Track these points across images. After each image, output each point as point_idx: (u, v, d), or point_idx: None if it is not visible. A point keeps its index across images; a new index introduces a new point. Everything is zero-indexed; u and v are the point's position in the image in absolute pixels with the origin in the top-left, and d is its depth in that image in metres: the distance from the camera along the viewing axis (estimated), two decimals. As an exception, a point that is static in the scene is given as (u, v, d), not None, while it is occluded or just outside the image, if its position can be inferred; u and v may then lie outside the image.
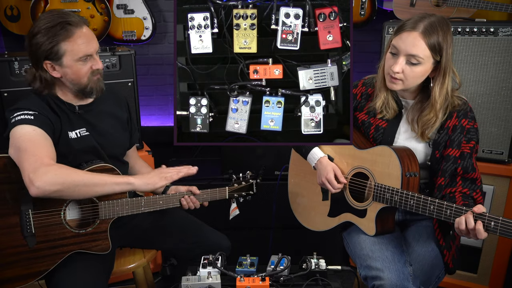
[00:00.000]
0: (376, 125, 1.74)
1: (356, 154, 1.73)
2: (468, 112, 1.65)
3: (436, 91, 1.59)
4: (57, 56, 1.55)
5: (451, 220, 1.48)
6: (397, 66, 1.56)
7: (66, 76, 1.60)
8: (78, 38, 1.55)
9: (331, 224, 1.85)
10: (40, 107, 1.59)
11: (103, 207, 1.65)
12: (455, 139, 1.64)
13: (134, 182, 1.59)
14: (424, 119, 1.63)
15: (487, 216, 1.39)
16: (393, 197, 1.60)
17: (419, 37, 1.53)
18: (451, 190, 1.64)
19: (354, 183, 1.75)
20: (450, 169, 1.64)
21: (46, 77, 1.59)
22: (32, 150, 1.48)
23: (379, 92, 1.68)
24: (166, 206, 1.79)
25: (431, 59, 1.55)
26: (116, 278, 2.33)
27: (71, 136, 1.65)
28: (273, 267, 1.62)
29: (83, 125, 1.70)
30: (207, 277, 1.55)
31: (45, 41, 1.53)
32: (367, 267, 1.62)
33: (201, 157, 2.99)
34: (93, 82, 1.62)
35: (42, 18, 1.56)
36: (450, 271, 1.70)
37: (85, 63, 1.59)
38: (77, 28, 1.55)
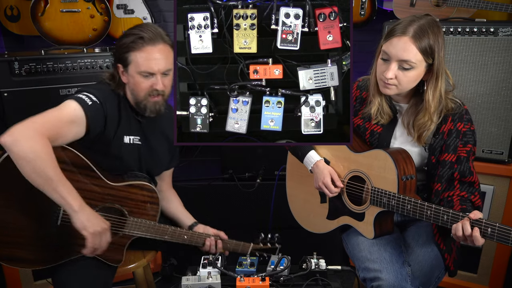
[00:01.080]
0: (371, 130, 1.74)
1: (352, 158, 1.73)
2: (463, 115, 1.63)
3: (430, 94, 1.57)
4: (126, 63, 1.62)
5: (448, 226, 1.47)
6: (390, 72, 1.54)
7: (129, 84, 1.65)
8: (145, 53, 1.58)
9: (330, 227, 1.84)
10: (108, 100, 1.63)
11: (131, 223, 1.67)
12: (450, 144, 1.62)
13: (76, 214, 1.46)
14: (419, 123, 1.61)
15: (483, 222, 1.37)
16: (390, 201, 1.59)
17: (410, 42, 1.50)
18: (449, 194, 1.63)
19: (351, 187, 1.74)
20: (446, 174, 1.63)
21: (117, 77, 1.67)
22: (49, 116, 1.50)
23: (373, 98, 1.67)
24: (189, 242, 1.81)
25: (423, 62, 1.53)
26: (116, 278, 2.32)
27: (125, 140, 1.69)
28: (273, 267, 1.62)
29: (139, 133, 1.73)
30: (207, 277, 1.55)
31: (123, 44, 1.60)
32: (366, 269, 1.62)
33: (201, 157, 3.00)
34: (149, 101, 1.64)
35: (138, 26, 1.64)
36: (452, 273, 1.69)
37: (147, 79, 1.61)
38: (149, 45, 1.58)
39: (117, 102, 1.67)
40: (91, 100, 1.57)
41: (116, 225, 1.67)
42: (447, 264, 1.66)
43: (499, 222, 1.35)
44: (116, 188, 1.65)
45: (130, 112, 1.71)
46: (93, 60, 2.30)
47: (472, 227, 1.39)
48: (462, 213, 1.44)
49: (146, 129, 1.76)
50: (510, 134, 2.18)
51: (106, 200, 1.63)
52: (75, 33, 2.89)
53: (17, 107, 2.17)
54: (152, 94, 1.63)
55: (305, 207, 1.95)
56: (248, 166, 2.65)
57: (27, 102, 2.19)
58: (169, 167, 1.96)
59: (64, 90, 2.25)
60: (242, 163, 2.65)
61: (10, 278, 2.28)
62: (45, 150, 1.43)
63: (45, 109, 2.13)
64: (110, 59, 2.30)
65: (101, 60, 2.31)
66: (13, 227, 1.52)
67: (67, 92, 2.26)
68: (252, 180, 2.62)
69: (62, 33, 2.87)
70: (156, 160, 1.84)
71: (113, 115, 1.64)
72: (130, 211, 1.68)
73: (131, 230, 1.69)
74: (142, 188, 1.65)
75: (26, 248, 1.55)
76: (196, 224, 1.91)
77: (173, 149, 1.91)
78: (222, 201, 2.66)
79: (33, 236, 1.55)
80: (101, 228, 1.49)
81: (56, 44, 2.84)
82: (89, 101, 1.57)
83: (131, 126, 1.71)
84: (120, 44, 1.62)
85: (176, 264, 2.61)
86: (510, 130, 2.17)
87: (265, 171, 2.63)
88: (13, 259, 1.55)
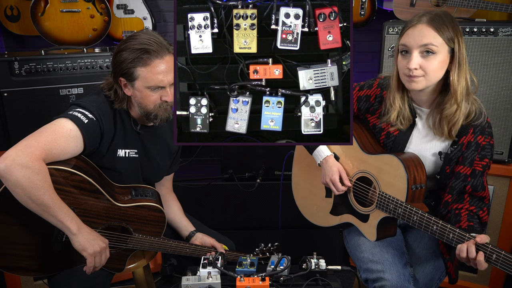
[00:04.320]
0: (388, 131, 1.69)
1: (363, 158, 1.70)
2: (485, 129, 1.58)
3: (455, 78, 1.51)
4: (131, 78, 1.58)
5: (452, 244, 1.44)
6: (412, 62, 1.49)
7: (135, 98, 1.62)
8: (154, 68, 1.56)
9: (332, 222, 1.84)
10: (104, 114, 1.59)
11: (135, 239, 1.68)
12: (468, 157, 1.57)
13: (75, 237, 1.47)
14: (447, 113, 1.54)
15: (489, 248, 1.35)
16: (397, 209, 1.57)
17: (427, 27, 1.48)
18: (457, 207, 1.59)
19: (358, 187, 1.73)
20: (458, 186, 1.59)
21: (119, 91, 1.62)
22: (43, 139, 1.45)
23: (393, 103, 1.62)
24: (191, 255, 1.84)
25: (445, 46, 1.49)
26: (116, 278, 2.32)
27: (119, 153, 1.67)
28: (273, 267, 1.62)
29: (136, 145, 1.71)
30: (207, 277, 1.55)
31: (126, 59, 1.55)
32: (368, 270, 1.61)
33: (201, 157, 3.00)
34: (159, 110, 1.63)
35: (136, 36, 1.58)
36: (453, 281, 1.67)
37: (155, 92, 1.60)
38: (157, 58, 1.56)
39: (112, 116, 1.64)
40: (87, 118, 1.54)
41: (120, 241, 1.67)
42: (449, 272, 1.65)
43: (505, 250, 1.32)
44: (124, 209, 1.64)
45: (127, 124, 1.68)
46: (93, 60, 2.30)
47: (477, 251, 1.37)
48: (469, 234, 1.41)
49: (145, 140, 1.74)
50: (510, 134, 2.18)
51: (112, 219, 1.63)
52: (75, 33, 2.89)
53: (17, 107, 2.18)
54: (161, 106, 1.62)
55: (309, 198, 1.94)
56: (248, 166, 2.65)
57: (27, 102, 2.19)
58: (169, 173, 1.96)
59: (64, 90, 2.26)
60: (242, 163, 2.65)
61: (10, 278, 2.28)
62: (40, 177, 1.40)
63: (45, 109, 2.14)
64: (110, 59, 2.30)
65: (101, 60, 2.32)
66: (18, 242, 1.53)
67: (67, 92, 2.26)
68: (252, 180, 2.62)
69: (62, 33, 2.87)
70: (156, 170, 1.83)
71: (108, 130, 1.62)
72: (136, 229, 1.68)
73: (135, 245, 1.70)
74: (150, 209, 1.65)
75: (30, 260, 1.57)
76: (194, 234, 1.91)
77: (174, 155, 1.91)
78: (222, 201, 2.66)
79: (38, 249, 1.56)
80: (100, 247, 1.51)
81: (56, 44, 2.85)
82: (85, 119, 1.54)
83: (126, 139, 1.69)
84: (123, 59, 1.56)
85: (176, 264, 2.61)
86: (510, 130, 2.17)
87: (265, 171, 2.63)
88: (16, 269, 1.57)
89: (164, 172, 1.91)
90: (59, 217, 1.44)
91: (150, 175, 1.81)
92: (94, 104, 1.59)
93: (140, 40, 1.56)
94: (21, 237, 1.52)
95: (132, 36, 1.59)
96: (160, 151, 1.81)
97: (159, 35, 1.61)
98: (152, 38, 1.57)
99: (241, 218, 2.68)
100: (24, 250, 1.54)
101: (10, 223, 1.50)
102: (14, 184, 1.38)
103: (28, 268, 1.57)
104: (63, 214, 1.45)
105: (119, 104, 1.65)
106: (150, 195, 1.70)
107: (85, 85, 2.29)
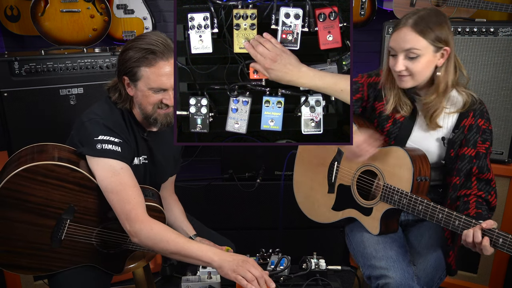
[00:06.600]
0: (394, 118, 1.74)
1: None
2: (484, 113, 1.65)
3: (441, 74, 1.59)
4: (135, 78, 1.56)
5: (458, 231, 1.46)
6: (398, 64, 1.58)
7: (136, 98, 1.61)
8: (158, 69, 1.54)
9: (334, 218, 1.84)
10: (121, 128, 1.60)
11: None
12: (470, 138, 1.63)
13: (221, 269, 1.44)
14: (427, 101, 1.62)
15: (495, 232, 1.37)
16: (402, 200, 1.59)
17: (409, 31, 1.54)
18: (466, 193, 1.63)
19: (362, 180, 1.74)
20: (465, 168, 1.63)
21: (122, 90, 1.62)
22: (123, 195, 1.51)
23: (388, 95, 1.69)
24: None
25: (429, 47, 1.55)
26: (116, 278, 2.32)
27: (135, 162, 1.68)
28: (273, 267, 1.62)
29: (146, 152, 1.71)
30: (207, 277, 1.55)
31: (131, 58, 1.54)
32: (371, 267, 1.61)
33: (201, 157, 3.00)
34: (159, 114, 1.61)
35: (145, 36, 1.58)
36: (453, 272, 1.69)
37: (157, 94, 1.58)
38: (162, 60, 1.54)
39: (125, 126, 1.64)
40: (116, 144, 1.55)
41: (120, 240, 1.67)
42: (450, 262, 1.66)
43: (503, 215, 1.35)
44: None
45: (136, 131, 1.68)
46: (93, 60, 2.30)
47: (483, 236, 1.39)
48: (475, 220, 1.44)
49: (152, 144, 1.74)
50: (510, 134, 2.18)
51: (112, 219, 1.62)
52: (75, 33, 2.89)
53: (17, 107, 2.18)
54: (160, 107, 1.60)
55: (311, 195, 1.95)
56: (248, 166, 2.65)
57: (27, 102, 2.19)
58: (172, 174, 1.95)
59: (64, 90, 2.26)
60: (242, 163, 2.65)
61: (10, 278, 2.28)
62: (152, 235, 1.49)
63: (45, 109, 2.14)
64: (110, 59, 2.30)
65: (101, 60, 2.32)
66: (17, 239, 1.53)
67: (67, 92, 2.26)
68: (252, 180, 2.62)
69: (62, 33, 2.87)
70: (162, 173, 1.83)
71: (131, 139, 1.64)
72: None
73: (134, 245, 1.69)
74: (150, 209, 1.64)
75: (29, 258, 1.57)
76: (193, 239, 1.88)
77: (177, 156, 1.91)
78: (222, 201, 2.66)
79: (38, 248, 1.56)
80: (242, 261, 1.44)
81: (56, 44, 2.85)
82: (117, 147, 1.54)
83: (139, 146, 1.69)
84: (128, 57, 1.55)
85: (176, 264, 2.61)
86: (510, 130, 2.17)
87: (265, 171, 2.63)
88: (16, 267, 1.57)
89: (169, 174, 1.91)
90: (195, 257, 1.46)
91: (156, 179, 1.81)
92: (111, 124, 1.58)
93: (148, 40, 1.55)
94: (21, 235, 1.53)
95: (141, 36, 1.59)
96: (166, 154, 1.81)
97: (167, 38, 1.60)
98: (160, 39, 1.56)
99: (241, 218, 2.68)
100: (24, 248, 1.54)
101: (10, 220, 1.50)
102: (147, 246, 1.52)
103: (27, 267, 1.58)
104: (195, 253, 1.46)
105: (122, 104, 1.64)
106: (150, 195, 1.70)
107: (85, 85, 2.29)
